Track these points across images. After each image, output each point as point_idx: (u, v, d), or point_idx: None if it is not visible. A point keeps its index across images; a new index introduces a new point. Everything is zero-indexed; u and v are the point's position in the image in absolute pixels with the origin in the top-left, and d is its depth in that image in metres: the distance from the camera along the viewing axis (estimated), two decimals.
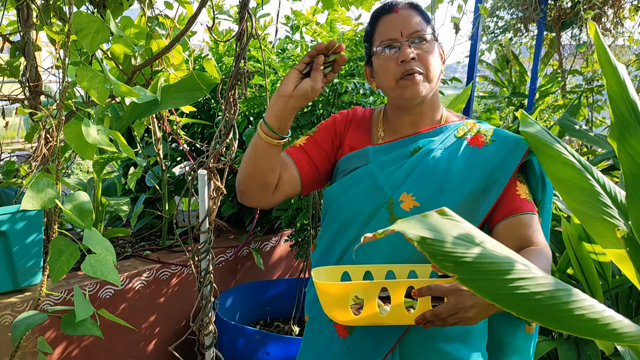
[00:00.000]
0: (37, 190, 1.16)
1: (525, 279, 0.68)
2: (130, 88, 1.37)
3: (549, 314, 0.68)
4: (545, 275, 0.70)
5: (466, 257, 0.66)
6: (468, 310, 0.95)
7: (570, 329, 0.69)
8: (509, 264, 0.68)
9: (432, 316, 0.98)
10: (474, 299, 0.95)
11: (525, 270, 0.68)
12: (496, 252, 0.68)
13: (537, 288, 0.68)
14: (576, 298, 0.69)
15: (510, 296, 0.67)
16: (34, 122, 1.92)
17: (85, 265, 1.16)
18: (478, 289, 0.67)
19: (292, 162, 1.28)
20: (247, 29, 1.40)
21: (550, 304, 0.68)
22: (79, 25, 1.32)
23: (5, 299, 1.80)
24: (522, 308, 0.67)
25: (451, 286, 0.96)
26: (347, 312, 1.01)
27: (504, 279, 0.67)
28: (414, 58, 1.17)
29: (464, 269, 0.66)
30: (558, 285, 0.69)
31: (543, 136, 1.24)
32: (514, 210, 1.15)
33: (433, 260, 0.65)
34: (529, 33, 5.75)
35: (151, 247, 2.41)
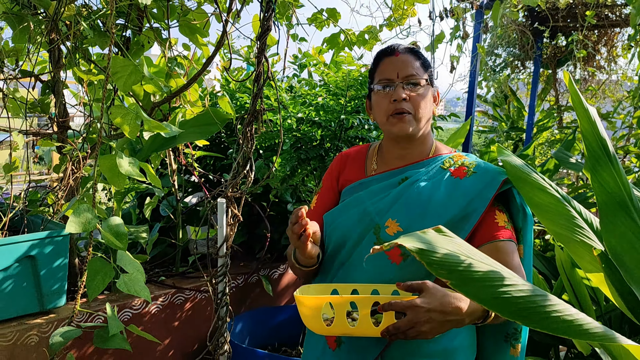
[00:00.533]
0: (78, 215, 1.29)
1: (508, 286, 0.81)
2: (160, 124, 1.52)
3: (529, 315, 0.80)
4: (525, 282, 0.83)
5: (457, 267, 0.79)
6: (423, 325, 1.06)
7: (548, 329, 0.81)
8: (494, 272, 0.81)
9: (393, 329, 1.08)
10: (428, 315, 1.05)
11: (508, 278, 0.81)
12: (483, 262, 0.81)
13: (519, 293, 0.81)
14: (552, 302, 0.82)
15: (496, 299, 0.80)
16: (62, 155, 2.06)
17: (120, 283, 1.29)
18: (467, 293, 0.80)
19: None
20: (264, 72, 1.56)
21: (530, 307, 0.81)
22: (115, 68, 1.48)
23: (31, 320, 1.92)
24: (506, 310, 0.80)
25: (408, 302, 1.06)
26: (320, 322, 1.14)
27: (490, 285, 0.80)
28: (405, 99, 1.32)
29: (455, 276, 0.79)
30: (536, 292, 0.82)
31: (520, 166, 1.37)
32: (492, 237, 1.28)
33: (429, 268, 0.78)
34: (526, 70, 5.94)
35: (165, 273, 2.53)
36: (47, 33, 2.01)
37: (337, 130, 2.27)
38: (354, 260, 1.36)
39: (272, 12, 1.58)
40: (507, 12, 4.27)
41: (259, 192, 2.66)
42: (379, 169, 1.44)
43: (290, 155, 2.29)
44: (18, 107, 2.12)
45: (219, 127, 2.16)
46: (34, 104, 2.10)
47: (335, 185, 1.49)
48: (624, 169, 1.39)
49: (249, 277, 2.63)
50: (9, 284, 1.83)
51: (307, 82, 2.78)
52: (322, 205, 1.49)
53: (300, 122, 2.35)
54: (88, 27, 2.04)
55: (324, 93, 2.37)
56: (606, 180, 0.95)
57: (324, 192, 1.51)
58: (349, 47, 2.85)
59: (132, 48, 2.28)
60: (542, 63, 5.63)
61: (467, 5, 4.13)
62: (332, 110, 2.29)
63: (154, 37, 2.24)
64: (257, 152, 2.67)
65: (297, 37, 3.05)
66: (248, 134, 1.61)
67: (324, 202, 1.49)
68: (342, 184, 1.47)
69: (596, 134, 0.97)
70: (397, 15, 2.93)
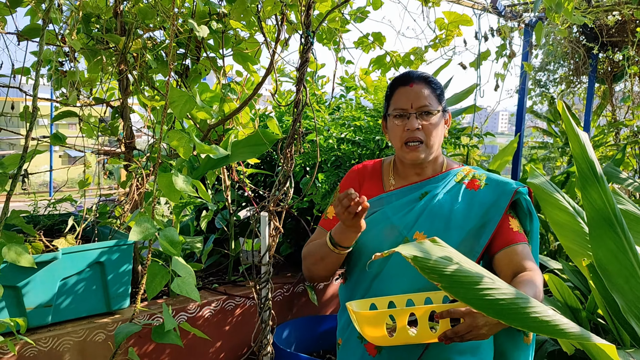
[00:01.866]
0: (139, 225, 1.50)
1: (492, 289, 0.93)
2: (209, 147, 1.72)
3: (511, 315, 0.93)
4: (509, 287, 0.95)
5: (446, 271, 0.92)
6: (481, 328, 1.18)
7: (528, 327, 0.93)
8: (479, 277, 0.94)
9: (452, 334, 1.20)
10: (485, 319, 1.18)
11: (491, 282, 0.94)
12: (470, 268, 0.95)
13: (502, 296, 0.93)
14: (532, 304, 0.94)
15: (481, 301, 0.93)
16: (129, 172, 2.31)
17: (174, 285, 1.49)
18: (457, 294, 0.93)
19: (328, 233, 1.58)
20: (303, 99, 1.74)
21: (512, 308, 0.93)
22: (172, 98, 1.70)
23: (99, 319, 2.16)
24: (490, 310, 0.93)
25: (466, 310, 1.19)
26: (383, 333, 1.24)
27: (476, 288, 0.93)
28: (418, 128, 1.46)
29: (445, 279, 0.92)
30: (518, 295, 0.95)
31: (545, 187, 1.49)
32: (509, 242, 1.40)
33: (422, 273, 0.92)
34: (582, 85, 5.87)
35: (218, 281, 2.74)
36: (117, 64, 2.28)
37: (375, 149, 2.42)
38: (387, 272, 1.49)
39: (311, 45, 1.76)
40: (556, 30, 4.30)
41: (305, 207, 2.83)
42: (397, 184, 1.56)
43: (331, 172, 2.45)
44: (91, 129, 2.40)
45: (267, 146, 2.36)
46: (105, 127, 2.37)
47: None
48: None
49: (295, 286, 2.80)
50: (81, 286, 2.07)
51: (350, 105, 2.94)
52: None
53: (341, 142, 2.51)
54: (152, 58, 2.29)
55: (363, 115, 2.53)
56: (594, 198, 1.05)
57: None
58: (395, 68, 3.00)
59: (190, 75, 2.52)
60: (598, 78, 5.56)
61: (515, 24, 4.20)
62: (370, 131, 2.44)
63: (210, 66, 2.47)
64: (304, 169, 2.85)
65: (344, 60, 3.23)
66: (288, 154, 1.79)
67: None
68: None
69: (585, 156, 1.07)
70: (441, 36, 3.06)
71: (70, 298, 2.04)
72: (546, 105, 6.24)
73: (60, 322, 2.06)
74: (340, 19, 2.74)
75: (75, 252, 2.01)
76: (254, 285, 1.88)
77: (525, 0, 4.13)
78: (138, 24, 2.25)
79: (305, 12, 1.80)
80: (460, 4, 3.85)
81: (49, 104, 4.65)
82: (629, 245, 1.05)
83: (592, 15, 3.94)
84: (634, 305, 1.02)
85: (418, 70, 1.56)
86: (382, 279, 1.49)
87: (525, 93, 4.36)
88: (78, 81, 2.22)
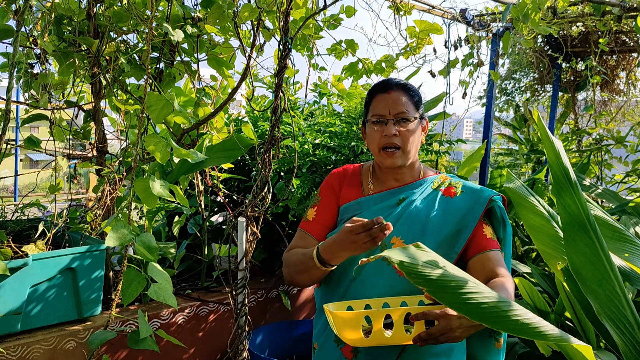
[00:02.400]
0: (116, 231, 1.48)
1: (475, 293, 0.96)
2: (187, 151, 1.71)
3: (493, 318, 0.95)
4: (491, 291, 0.98)
5: (432, 276, 0.95)
6: (455, 331, 1.21)
7: (509, 330, 0.96)
8: (463, 281, 0.96)
9: (427, 336, 1.23)
10: (459, 322, 1.21)
11: (475, 287, 0.96)
12: (454, 273, 0.97)
13: (484, 300, 0.96)
14: (513, 308, 0.97)
15: (465, 305, 0.95)
16: (101, 177, 2.28)
17: (151, 291, 1.47)
18: (442, 299, 0.95)
19: (311, 236, 1.60)
20: (281, 105, 1.75)
21: (494, 311, 0.96)
22: (150, 102, 1.68)
23: (70, 326, 2.11)
24: (473, 314, 0.95)
25: (441, 312, 1.22)
26: (359, 334, 1.26)
27: (460, 292, 0.95)
28: (395, 134, 1.49)
29: (430, 284, 0.94)
30: (500, 299, 0.97)
31: (521, 191, 1.53)
32: (482, 248, 1.44)
33: (409, 277, 0.94)
34: (546, 93, 6.04)
35: (191, 287, 2.71)
36: (90, 67, 2.24)
37: (350, 155, 2.44)
38: (364, 276, 1.51)
39: (289, 51, 1.77)
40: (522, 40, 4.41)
41: (279, 212, 2.83)
42: (376, 189, 1.59)
43: (306, 178, 2.46)
44: (61, 133, 2.35)
45: (242, 151, 2.35)
46: (76, 131, 2.33)
47: (335, 201, 1.63)
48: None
49: (269, 292, 2.80)
50: (51, 293, 2.03)
51: (324, 111, 2.96)
52: (324, 218, 1.61)
53: (317, 148, 2.53)
54: (126, 62, 2.26)
55: (338, 121, 2.55)
56: (568, 204, 1.09)
57: (324, 206, 1.63)
58: (367, 75, 3.03)
59: (164, 79, 2.50)
60: (561, 87, 5.73)
61: (483, 33, 4.30)
62: (345, 137, 2.46)
63: (184, 70, 2.45)
64: (278, 174, 2.85)
65: (317, 67, 3.25)
66: (266, 159, 1.80)
67: (325, 215, 1.61)
68: (342, 201, 1.61)
69: (560, 163, 1.11)
70: (412, 45, 3.11)
71: (41, 305, 1.99)
72: (512, 112, 6.39)
73: (30, 330, 2.01)
74: (314, 26, 2.76)
75: (45, 258, 1.97)
76: (231, 291, 1.87)
77: (493, 11, 4.23)
78: (112, 26, 2.22)
79: (284, 18, 1.81)
80: (431, 13, 3.92)
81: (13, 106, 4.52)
82: (602, 249, 1.09)
83: (557, 26, 4.07)
84: (607, 307, 1.06)
85: (396, 78, 1.59)
86: (359, 283, 1.51)
87: (492, 101, 4.46)
88: (50, 84, 2.18)
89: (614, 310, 1.05)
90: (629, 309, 1.06)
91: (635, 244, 1.27)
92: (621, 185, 4.90)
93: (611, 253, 1.18)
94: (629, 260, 1.24)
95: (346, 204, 1.60)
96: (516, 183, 1.56)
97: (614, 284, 1.07)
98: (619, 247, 1.28)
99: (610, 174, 5.10)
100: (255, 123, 2.99)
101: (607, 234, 1.31)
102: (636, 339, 1.03)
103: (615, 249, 1.28)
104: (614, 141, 5.01)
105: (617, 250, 1.28)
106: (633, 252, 1.25)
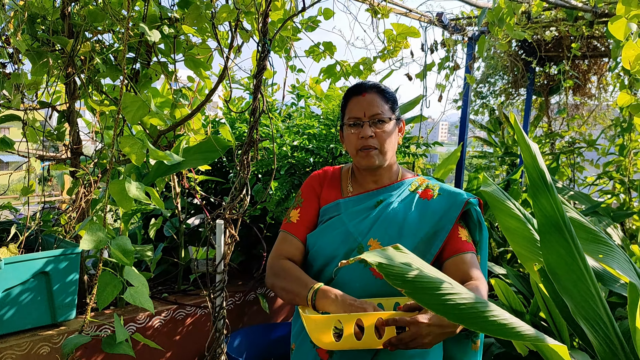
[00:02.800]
0: (91, 233, 1.46)
1: (452, 294, 0.97)
2: (163, 153, 1.69)
3: (470, 319, 0.96)
4: (468, 292, 0.99)
5: (409, 277, 0.95)
6: (425, 337, 1.23)
7: (487, 330, 0.97)
8: (440, 282, 0.97)
9: (397, 341, 1.24)
10: (429, 329, 1.22)
11: (451, 287, 0.97)
12: (431, 274, 0.98)
13: (461, 300, 0.97)
14: (490, 309, 0.98)
15: (442, 305, 0.96)
16: (75, 179, 2.24)
17: (127, 295, 1.45)
18: (420, 300, 0.96)
19: (295, 238, 1.60)
20: (260, 106, 1.74)
21: (471, 312, 0.97)
22: (125, 103, 1.66)
23: (44, 331, 2.07)
24: (451, 314, 0.96)
25: (412, 319, 1.23)
26: (330, 338, 1.27)
27: (437, 293, 0.96)
28: (371, 136, 1.50)
29: (408, 285, 0.95)
30: (477, 299, 0.98)
31: (497, 194, 1.55)
32: (457, 250, 1.46)
33: (387, 279, 0.95)
34: (520, 97, 6.14)
35: (167, 290, 2.68)
36: (64, 67, 2.20)
37: (329, 157, 2.45)
38: (340, 278, 1.51)
39: (268, 52, 1.77)
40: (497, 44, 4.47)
41: (257, 215, 2.82)
42: (355, 191, 1.60)
43: (285, 180, 2.46)
44: (35, 134, 2.30)
45: (220, 153, 2.33)
46: (50, 132, 2.28)
47: (317, 202, 1.63)
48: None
49: (247, 295, 2.78)
50: (24, 297, 1.99)
51: (302, 113, 2.96)
52: (307, 220, 1.62)
53: (295, 150, 2.53)
54: (101, 62, 2.23)
55: (316, 123, 2.55)
56: (544, 206, 1.11)
57: (307, 207, 1.63)
58: (345, 77, 3.04)
59: (140, 80, 2.47)
60: (535, 90, 5.83)
61: (459, 37, 4.35)
62: (324, 139, 2.46)
63: (160, 71, 2.43)
64: (255, 176, 2.84)
65: (295, 69, 3.25)
66: (245, 161, 1.79)
67: (308, 216, 1.62)
68: (322, 202, 1.62)
69: (536, 166, 1.13)
70: (389, 47, 3.13)
71: (14, 310, 1.95)
72: (487, 115, 6.47)
73: (2, 335, 1.96)
74: (292, 28, 2.76)
75: (18, 261, 1.93)
76: (208, 294, 1.86)
77: (469, 15, 4.28)
78: (87, 26, 2.19)
79: (262, 20, 1.80)
80: (408, 16, 3.95)
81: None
82: (577, 250, 1.11)
83: (531, 31, 4.14)
84: (582, 307, 1.08)
85: (372, 81, 1.60)
86: (336, 285, 1.51)
87: (468, 104, 4.52)
88: (23, 84, 2.14)
89: (588, 310, 1.07)
90: (603, 309, 1.08)
91: (609, 245, 1.30)
92: (593, 187, 5.00)
93: (586, 254, 1.21)
94: (603, 261, 1.26)
95: (326, 206, 1.60)
96: (492, 187, 1.58)
97: (588, 284, 1.09)
98: (593, 249, 1.30)
99: (582, 177, 5.20)
100: (232, 125, 2.98)
101: (582, 236, 1.33)
102: (610, 338, 1.06)
103: (590, 250, 1.31)
104: (586, 144, 5.11)
105: (592, 252, 1.30)
106: (607, 253, 1.28)
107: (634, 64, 1.27)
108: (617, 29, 1.29)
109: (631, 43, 1.25)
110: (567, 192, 3.53)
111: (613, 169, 4.99)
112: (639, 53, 1.27)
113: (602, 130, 5.13)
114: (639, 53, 1.27)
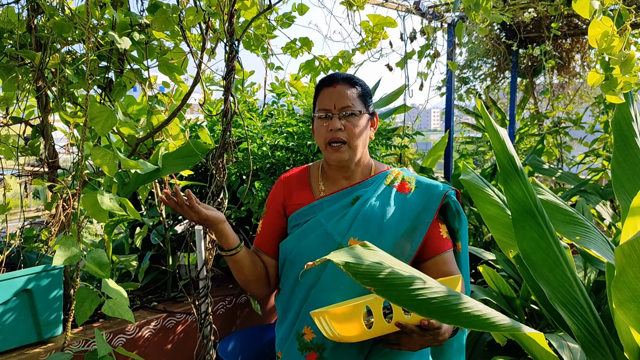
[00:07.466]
0: (64, 249, 1.43)
1: (424, 289, 0.95)
2: (136, 162, 1.67)
3: (443, 313, 0.94)
4: (440, 285, 0.97)
5: (379, 275, 0.93)
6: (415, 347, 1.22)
7: (460, 323, 0.95)
8: (411, 278, 0.95)
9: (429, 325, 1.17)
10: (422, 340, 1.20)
11: (423, 283, 0.95)
12: (402, 271, 0.96)
13: (433, 295, 0.95)
14: (464, 301, 0.96)
15: (413, 301, 0.94)
16: (53, 193, 2.21)
17: (105, 307, 1.43)
18: (390, 297, 0.94)
19: (261, 251, 1.58)
20: (231, 108, 1.71)
21: (444, 306, 0.95)
22: (93, 114, 1.63)
23: (30, 349, 2.04)
24: (423, 309, 0.94)
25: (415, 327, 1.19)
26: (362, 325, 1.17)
27: (408, 289, 0.94)
28: (340, 129, 1.45)
29: (377, 283, 0.93)
30: (450, 292, 0.96)
31: (476, 182, 1.53)
32: (437, 250, 1.43)
33: (354, 278, 0.93)
34: (505, 80, 6.13)
35: (158, 298, 2.66)
36: (34, 81, 2.17)
37: (309, 154, 2.42)
38: (324, 281, 1.45)
39: (236, 53, 1.74)
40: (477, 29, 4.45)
41: (243, 217, 2.80)
42: (328, 190, 1.55)
43: (267, 180, 2.43)
44: (9, 150, 2.27)
45: (200, 157, 2.30)
46: (25, 148, 2.25)
47: (281, 210, 1.58)
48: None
49: (237, 297, 2.76)
50: (8, 317, 1.96)
51: (283, 111, 2.94)
52: (270, 230, 1.59)
53: (275, 149, 2.50)
54: (72, 73, 2.20)
55: (294, 121, 2.53)
56: (515, 191, 1.09)
57: (269, 218, 1.59)
58: (324, 72, 3.01)
59: (114, 89, 2.44)
60: (520, 73, 5.82)
61: (438, 24, 4.32)
62: (302, 137, 2.44)
63: (134, 78, 2.39)
64: (240, 178, 2.81)
65: (273, 66, 3.22)
66: (220, 165, 1.76)
67: (271, 227, 1.58)
68: (291, 209, 1.56)
69: (505, 152, 1.11)
70: (367, 39, 3.10)
71: None
72: (473, 101, 6.46)
73: None
74: (266, 25, 2.73)
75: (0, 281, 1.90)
76: (193, 301, 1.83)
77: (447, 1, 4.26)
78: (54, 38, 2.15)
79: (228, 20, 1.77)
80: (384, 6, 3.92)
81: None
82: (550, 234, 1.09)
83: (509, 13, 4.12)
84: (559, 292, 1.06)
85: (344, 73, 1.56)
86: (320, 289, 1.47)
87: (452, 91, 4.50)
88: None
89: (565, 294, 1.05)
90: (580, 293, 1.07)
91: (586, 227, 1.28)
92: (582, 166, 5.00)
93: (563, 236, 1.19)
94: (580, 242, 1.24)
95: (299, 210, 1.55)
96: (471, 174, 1.56)
97: (564, 269, 1.07)
98: (570, 230, 1.28)
99: (571, 156, 5.19)
100: (212, 128, 2.95)
101: (558, 218, 1.31)
102: (589, 322, 1.04)
103: (567, 232, 1.29)
104: (572, 123, 5.10)
105: (569, 234, 1.28)
106: (584, 235, 1.26)
107: (600, 42, 1.25)
108: (581, 7, 1.27)
109: (596, 21, 1.23)
110: (554, 172, 3.52)
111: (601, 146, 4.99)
112: (605, 31, 1.25)
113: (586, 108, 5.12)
114: (605, 31, 1.25)
